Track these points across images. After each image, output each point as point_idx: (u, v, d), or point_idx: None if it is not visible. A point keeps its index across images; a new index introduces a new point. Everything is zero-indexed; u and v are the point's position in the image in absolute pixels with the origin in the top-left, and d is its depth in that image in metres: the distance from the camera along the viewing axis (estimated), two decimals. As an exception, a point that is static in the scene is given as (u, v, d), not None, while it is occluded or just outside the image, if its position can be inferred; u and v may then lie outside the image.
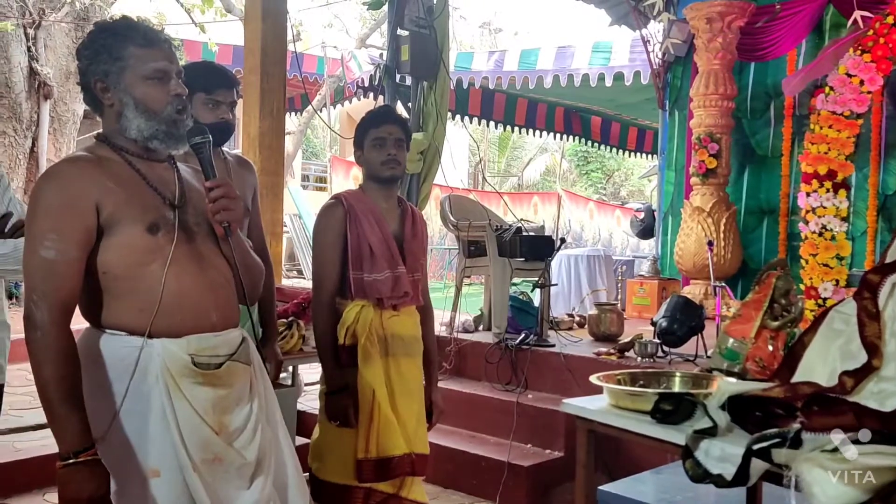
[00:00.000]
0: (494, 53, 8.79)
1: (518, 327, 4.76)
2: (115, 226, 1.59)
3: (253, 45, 4.03)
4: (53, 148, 7.89)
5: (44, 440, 3.84)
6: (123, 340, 1.60)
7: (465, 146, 19.26)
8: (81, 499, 1.50)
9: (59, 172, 1.60)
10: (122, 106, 1.64)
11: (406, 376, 2.53)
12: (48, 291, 1.54)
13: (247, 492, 1.65)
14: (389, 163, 2.51)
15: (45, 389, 1.52)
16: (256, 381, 1.78)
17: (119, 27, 1.66)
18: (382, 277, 2.49)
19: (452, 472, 3.93)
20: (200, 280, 1.67)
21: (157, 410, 1.58)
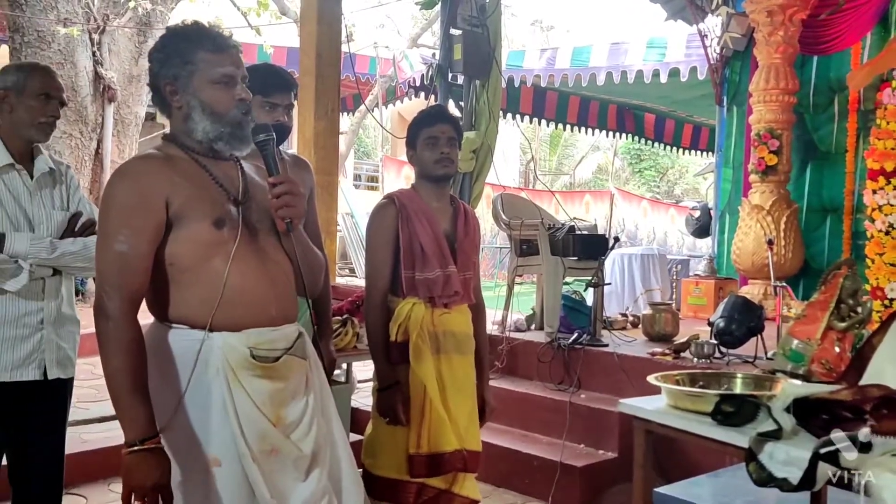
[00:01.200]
0: (546, 51, 8.72)
1: (570, 327, 4.72)
2: (183, 220, 1.64)
3: (308, 47, 4.09)
4: (117, 149, 8.12)
5: (108, 432, 3.97)
6: (186, 333, 1.65)
7: (516, 145, 19.21)
8: (145, 485, 1.54)
9: (131, 170, 1.67)
10: (190, 108, 1.69)
11: (458, 373, 2.54)
12: (120, 284, 1.60)
13: (303, 484, 1.68)
14: (442, 161, 2.52)
15: (114, 379, 1.58)
16: (312, 376, 1.81)
17: (191, 32, 1.71)
18: (433, 276, 2.50)
19: (505, 471, 3.92)
20: (261, 275, 1.70)
21: (217, 402, 1.62)
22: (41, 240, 2.26)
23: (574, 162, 23.68)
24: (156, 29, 8.20)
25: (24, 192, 2.30)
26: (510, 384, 4.47)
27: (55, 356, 2.32)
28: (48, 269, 2.28)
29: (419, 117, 2.60)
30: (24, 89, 2.29)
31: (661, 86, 7.76)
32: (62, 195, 2.41)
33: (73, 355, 2.41)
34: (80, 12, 7.52)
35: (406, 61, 10.67)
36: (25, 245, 2.22)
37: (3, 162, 2.27)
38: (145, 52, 8.15)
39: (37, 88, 2.30)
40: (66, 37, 7.32)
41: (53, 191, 2.38)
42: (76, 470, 3.33)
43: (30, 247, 2.22)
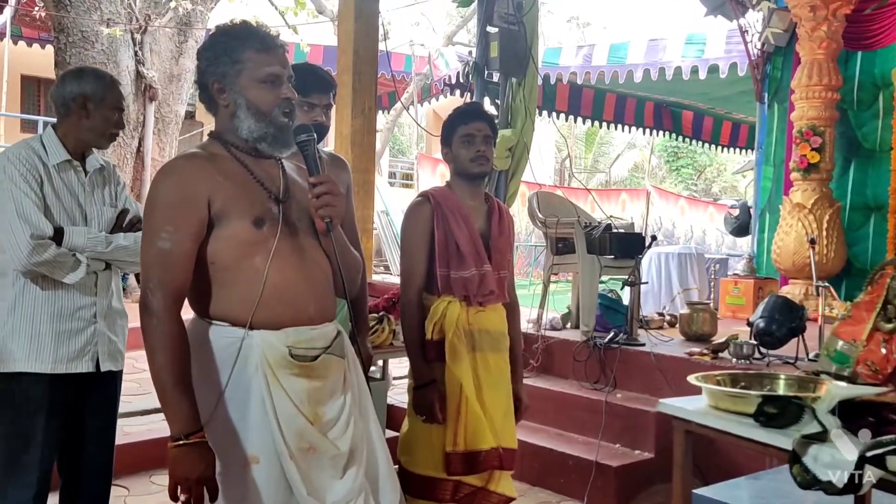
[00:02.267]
0: (583, 48, 8.66)
1: (606, 325, 4.69)
2: (224, 218, 1.65)
3: (346, 45, 4.12)
4: (157, 148, 8.26)
5: (150, 425, 4.05)
6: (226, 331, 1.67)
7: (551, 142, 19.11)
8: (191, 478, 1.57)
9: (175, 168, 1.69)
10: (236, 107, 1.71)
11: (493, 371, 2.53)
12: (164, 281, 1.62)
13: (340, 481, 1.69)
14: (478, 159, 2.51)
15: (159, 374, 1.60)
16: (350, 374, 1.81)
17: (239, 31, 1.72)
18: (468, 275, 2.49)
19: (539, 470, 3.91)
20: (300, 273, 1.71)
21: (256, 399, 1.64)
22: (96, 234, 2.33)
23: (610, 160, 23.48)
24: (196, 28, 8.32)
25: (79, 187, 2.37)
26: (545, 383, 4.45)
27: (107, 349, 2.38)
28: (101, 264, 2.35)
29: (454, 115, 2.59)
30: (103, 100, 2.37)
31: (699, 82, 7.66)
32: (111, 192, 2.47)
33: (123, 348, 2.49)
34: (122, 13, 7.66)
35: (441, 59, 10.69)
36: (82, 239, 2.29)
37: (61, 158, 2.34)
38: (185, 52, 8.30)
39: (114, 101, 2.40)
40: (109, 37, 7.47)
41: (104, 188, 2.46)
42: (118, 462, 3.35)
43: (87, 241, 2.30)
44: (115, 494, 3.27)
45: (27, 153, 2.29)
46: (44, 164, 2.30)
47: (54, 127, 2.40)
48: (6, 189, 2.23)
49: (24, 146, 2.34)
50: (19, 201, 2.21)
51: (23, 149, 2.32)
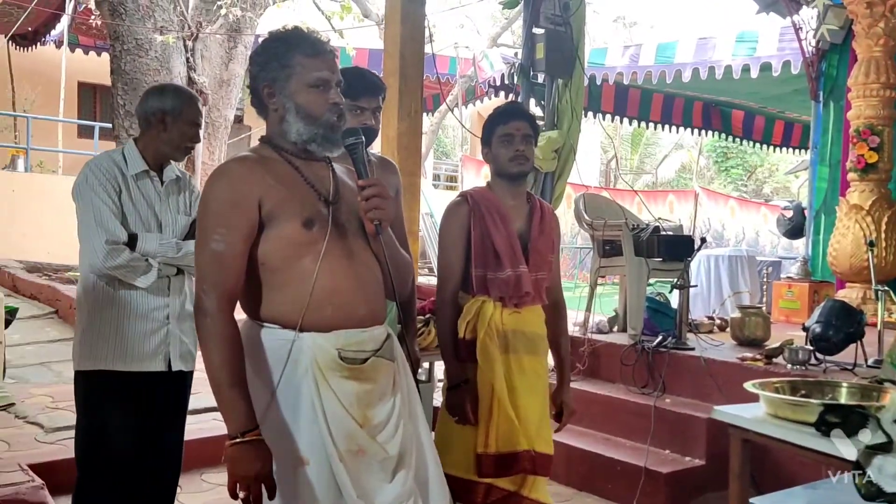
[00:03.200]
0: (630, 48, 8.55)
1: (654, 329, 4.62)
2: (275, 220, 1.67)
3: (392, 48, 4.13)
4: (207, 151, 8.43)
5: (201, 424, 4.11)
6: (277, 333, 1.68)
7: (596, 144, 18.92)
8: (249, 476, 1.59)
9: (227, 171, 1.71)
10: (285, 111, 1.73)
11: (528, 374, 2.48)
12: (217, 282, 1.65)
13: (389, 485, 1.69)
14: (518, 159, 2.48)
15: (215, 373, 1.62)
16: (400, 377, 1.81)
17: (290, 37, 1.75)
18: (504, 276, 2.45)
19: (587, 475, 3.87)
20: (350, 275, 1.72)
21: (306, 401, 1.65)
22: (168, 240, 2.45)
23: (656, 161, 23.14)
24: (245, 34, 8.47)
25: (155, 196, 2.50)
26: (592, 386, 4.41)
27: (178, 350, 2.49)
28: (173, 269, 2.47)
29: (494, 114, 2.57)
30: (181, 115, 2.50)
31: (750, 81, 7.49)
32: (186, 201, 2.59)
33: (194, 350, 2.57)
34: (175, 20, 7.83)
35: (486, 61, 10.66)
36: (155, 245, 2.42)
37: (139, 168, 2.47)
38: (235, 57, 8.45)
39: (191, 116, 2.52)
40: (162, 44, 7.64)
41: (179, 197, 2.58)
42: (171, 459, 3.47)
43: (158, 247, 2.42)
44: (168, 492, 3.34)
45: (108, 164, 2.44)
46: (123, 174, 2.44)
47: (136, 140, 2.54)
48: (87, 197, 2.37)
49: (106, 157, 2.48)
50: (97, 209, 2.35)
51: (104, 160, 2.46)
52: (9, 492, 2.84)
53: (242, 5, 8.11)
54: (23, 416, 4.07)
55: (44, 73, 12.65)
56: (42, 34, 11.97)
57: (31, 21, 10.99)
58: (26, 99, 12.67)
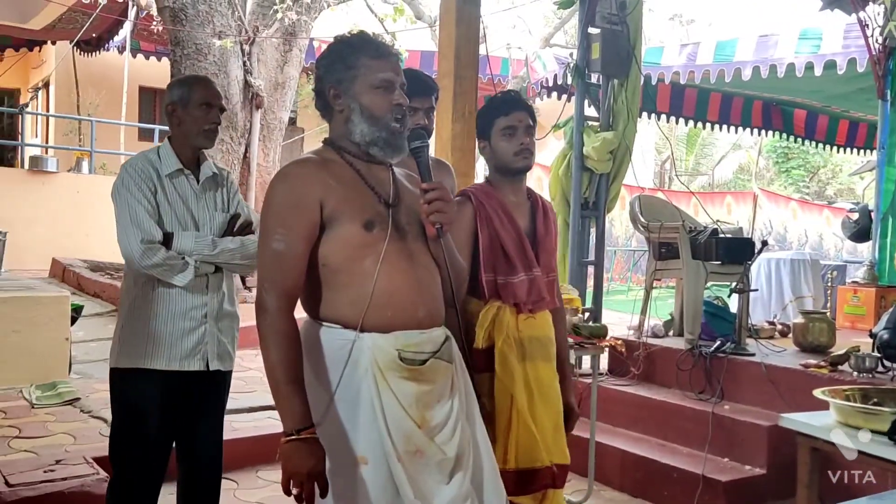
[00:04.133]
0: (687, 46, 8.37)
1: (712, 334, 4.53)
2: (335, 221, 1.69)
3: (447, 50, 4.13)
4: (262, 153, 8.57)
5: (256, 422, 4.19)
6: (338, 333, 1.69)
7: (651, 144, 18.63)
8: (301, 473, 1.60)
9: (290, 173, 1.74)
10: (350, 112, 1.75)
11: (544, 382, 2.33)
12: (277, 280, 1.68)
13: (446, 487, 1.68)
14: (522, 153, 2.30)
15: (272, 370, 1.65)
16: (458, 380, 1.81)
17: (354, 40, 1.78)
18: (517, 281, 2.31)
19: (641, 481, 3.80)
20: (410, 277, 1.73)
21: (366, 401, 1.66)
22: (204, 238, 2.43)
23: (713, 161, 22.65)
24: (300, 38, 8.59)
25: (191, 194, 2.49)
26: (647, 391, 4.34)
27: (216, 349, 2.47)
28: (211, 266, 2.45)
29: (492, 105, 2.36)
30: (188, 101, 2.47)
31: (814, 79, 7.26)
32: (223, 198, 2.58)
33: (233, 349, 2.57)
34: (233, 25, 8.00)
35: (539, 61, 10.59)
36: (191, 243, 2.40)
37: (173, 167, 2.47)
38: (290, 61, 8.58)
39: (199, 99, 2.48)
40: (220, 48, 7.81)
41: (216, 194, 2.56)
42: (227, 456, 3.49)
43: (194, 245, 2.40)
44: (225, 487, 3.39)
45: (143, 164, 2.44)
46: (157, 174, 2.44)
47: (169, 138, 2.54)
48: (123, 198, 2.38)
49: (142, 157, 2.48)
50: (133, 209, 2.35)
51: (139, 160, 2.47)
52: (75, 484, 2.93)
53: (298, 9, 8.22)
54: (87, 410, 4.19)
55: (107, 78, 13.06)
56: (105, 40, 12.36)
57: (95, 27, 11.36)
58: (90, 103, 13.10)
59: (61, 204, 10.01)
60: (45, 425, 3.93)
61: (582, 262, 4.95)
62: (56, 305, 4.82)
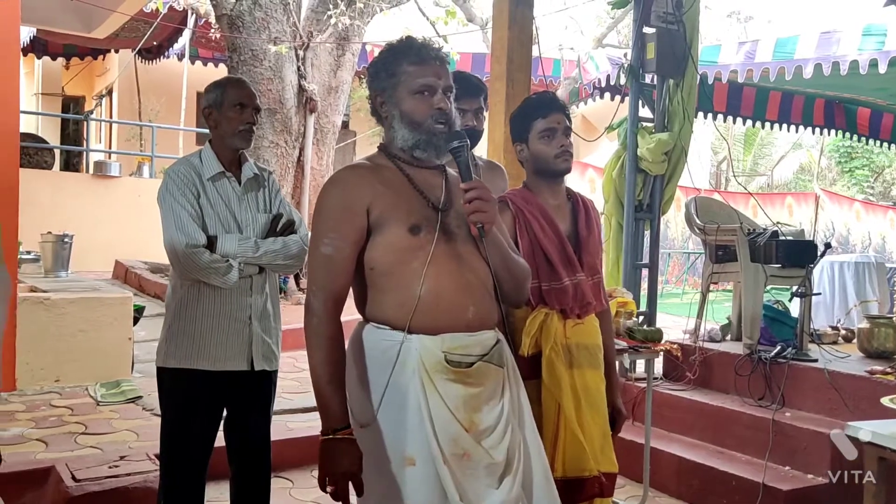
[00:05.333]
0: (745, 44, 8.18)
1: (772, 339, 4.42)
2: (383, 225, 1.72)
3: (499, 52, 4.13)
4: (316, 157, 8.69)
5: (310, 422, 4.24)
6: (386, 334, 1.71)
7: (706, 145, 18.27)
8: (337, 472, 1.63)
9: (341, 179, 1.78)
10: (392, 118, 1.80)
11: (591, 389, 2.30)
12: (325, 283, 1.72)
13: (496, 491, 1.68)
14: (563, 155, 2.27)
15: (315, 370, 1.69)
16: (509, 384, 1.80)
17: (398, 47, 1.81)
18: (561, 287, 2.27)
19: (699, 488, 3.73)
20: (458, 280, 1.73)
21: (413, 403, 1.67)
22: (247, 240, 2.46)
23: (772, 162, 22.08)
24: (353, 42, 8.69)
25: (233, 196, 2.52)
26: (703, 396, 4.25)
27: (260, 349, 2.51)
28: (255, 268, 2.48)
29: (528, 107, 2.33)
30: (222, 103, 2.52)
31: (878, 76, 7.01)
32: (265, 198, 2.61)
33: (277, 349, 2.60)
34: (288, 31, 8.14)
35: (591, 62, 10.49)
36: (234, 245, 2.43)
37: (215, 170, 2.51)
38: (343, 65, 8.69)
39: (232, 100, 2.52)
40: (275, 54, 7.95)
41: (258, 194, 2.59)
42: (283, 455, 3.59)
43: (238, 247, 2.44)
44: (281, 486, 3.47)
45: (185, 169, 2.49)
46: (200, 178, 2.48)
47: (210, 141, 2.58)
48: (167, 203, 2.43)
49: (184, 162, 2.53)
50: (177, 213, 2.40)
51: (182, 165, 2.52)
52: (137, 480, 3.02)
53: (351, 14, 8.32)
54: (149, 408, 4.31)
55: (166, 85, 13.43)
56: (165, 48, 12.72)
57: (156, 36, 11.69)
58: (151, 109, 13.50)
59: (123, 207, 10.33)
60: (110, 422, 4.06)
61: (636, 265, 4.88)
62: (120, 306, 4.98)
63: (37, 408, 4.27)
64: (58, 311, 4.74)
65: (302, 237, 2.57)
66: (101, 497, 2.93)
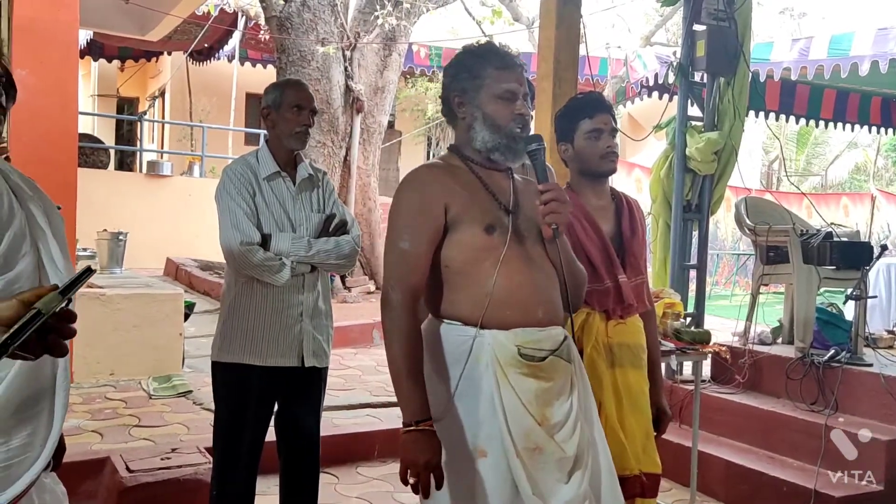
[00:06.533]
0: (798, 41, 7.99)
1: (824, 342, 4.31)
2: (459, 224, 1.76)
3: (546, 52, 4.11)
4: (362, 156, 8.77)
5: (356, 419, 4.29)
6: (459, 330, 1.76)
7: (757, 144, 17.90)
8: (418, 463, 1.65)
9: (418, 177, 1.83)
10: (473, 119, 1.82)
11: (633, 389, 2.29)
12: (402, 278, 1.76)
13: (566, 486, 1.70)
14: (609, 156, 2.26)
15: (394, 363, 1.72)
16: (577, 380, 1.83)
17: (481, 51, 1.85)
18: (602, 288, 2.27)
19: (748, 494, 3.66)
20: (528, 279, 1.77)
21: (486, 396, 1.70)
22: (300, 239, 2.50)
23: (825, 161, 21.51)
24: (399, 43, 8.74)
25: (287, 196, 2.56)
26: (753, 400, 4.17)
27: (311, 346, 2.55)
28: (307, 266, 2.52)
29: (575, 107, 2.31)
30: (280, 104, 2.56)
31: (938, 73, 6.80)
32: (319, 198, 2.64)
33: (327, 347, 2.64)
34: (335, 32, 8.23)
35: (639, 60, 10.37)
36: (287, 244, 2.48)
37: (271, 170, 2.56)
38: (389, 65, 8.75)
39: (290, 101, 2.56)
40: (323, 55, 8.05)
41: (312, 194, 2.63)
42: (328, 452, 3.61)
43: (291, 246, 2.48)
44: (327, 481, 3.51)
45: (242, 168, 2.54)
46: (256, 177, 2.53)
47: (267, 141, 2.63)
48: (224, 201, 2.49)
49: (242, 161, 2.58)
50: (233, 212, 2.45)
51: (239, 164, 2.57)
52: (188, 472, 3.09)
53: (398, 14, 8.37)
54: (199, 402, 4.41)
55: (217, 86, 13.71)
56: (216, 50, 12.98)
57: (207, 38, 11.94)
58: (202, 110, 13.78)
59: (174, 206, 10.58)
60: (162, 415, 4.16)
61: (683, 266, 4.81)
62: (171, 302, 5.11)
63: (93, 400, 4.40)
64: (113, 307, 4.88)
65: (354, 237, 2.61)
66: (154, 488, 3.01)
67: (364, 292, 8.38)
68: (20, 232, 1.56)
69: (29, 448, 1.55)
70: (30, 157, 4.17)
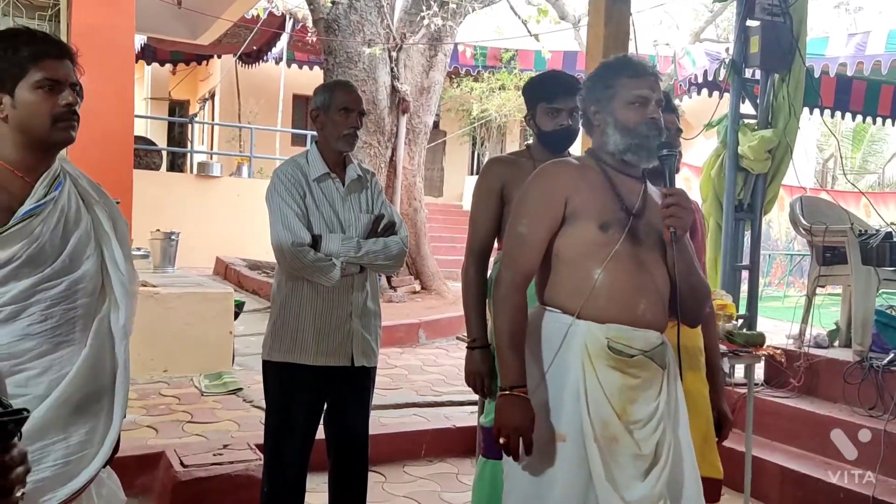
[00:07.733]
0: (855, 36, 7.77)
1: (884, 346, 4.20)
2: (576, 218, 1.86)
3: (594, 50, 4.07)
4: (408, 157, 8.80)
5: (403, 418, 4.31)
6: (557, 317, 1.86)
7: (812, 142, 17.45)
8: (510, 426, 1.78)
9: (547, 170, 1.95)
10: (606, 125, 1.92)
11: (691, 391, 2.22)
12: (516, 259, 1.90)
13: (641, 483, 1.76)
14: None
15: (499, 334, 1.87)
16: (669, 386, 1.87)
17: (615, 63, 1.95)
18: None
19: (803, 500, 3.58)
20: (634, 279, 1.84)
21: (572, 383, 1.80)
22: (350, 240, 2.52)
23: (883, 159, 20.84)
24: (445, 43, 8.75)
25: (337, 197, 2.58)
26: (808, 405, 4.07)
27: (360, 346, 2.56)
28: (356, 267, 2.54)
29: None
30: (329, 106, 2.58)
31: None
32: (368, 199, 2.65)
33: (376, 346, 2.65)
34: (381, 33, 8.28)
35: (688, 57, 10.19)
36: (337, 245, 2.49)
37: (320, 171, 2.58)
38: (435, 66, 8.76)
39: (339, 104, 2.58)
40: (369, 56, 8.10)
41: (361, 196, 2.64)
42: (376, 450, 3.62)
43: (341, 247, 2.50)
44: (374, 480, 3.53)
45: (292, 170, 2.56)
46: (306, 179, 2.55)
47: (316, 142, 2.65)
48: (275, 202, 2.51)
49: (292, 163, 2.61)
50: (284, 213, 2.48)
51: (289, 165, 2.60)
52: (240, 468, 3.15)
53: (443, 14, 8.38)
54: (249, 400, 4.48)
55: (265, 88, 13.92)
56: (264, 52, 13.18)
57: (255, 41, 12.14)
58: (251, 112, 14.01)
59: (224, 206, 10.76)
60: (213, 412, 4.24)
61: (735, 267, 4.71)
62: (222, 301, 5.20)
63: (147, 396, 4.50)
64: (166, 305, 4.98)
65: (402, 238, 2.62)
66: (207, 482, 3.07)
67: (409, 292, 8.41)
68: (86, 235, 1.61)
69: (88, 445, 1.59)
70: (89, 160, 4.28)
